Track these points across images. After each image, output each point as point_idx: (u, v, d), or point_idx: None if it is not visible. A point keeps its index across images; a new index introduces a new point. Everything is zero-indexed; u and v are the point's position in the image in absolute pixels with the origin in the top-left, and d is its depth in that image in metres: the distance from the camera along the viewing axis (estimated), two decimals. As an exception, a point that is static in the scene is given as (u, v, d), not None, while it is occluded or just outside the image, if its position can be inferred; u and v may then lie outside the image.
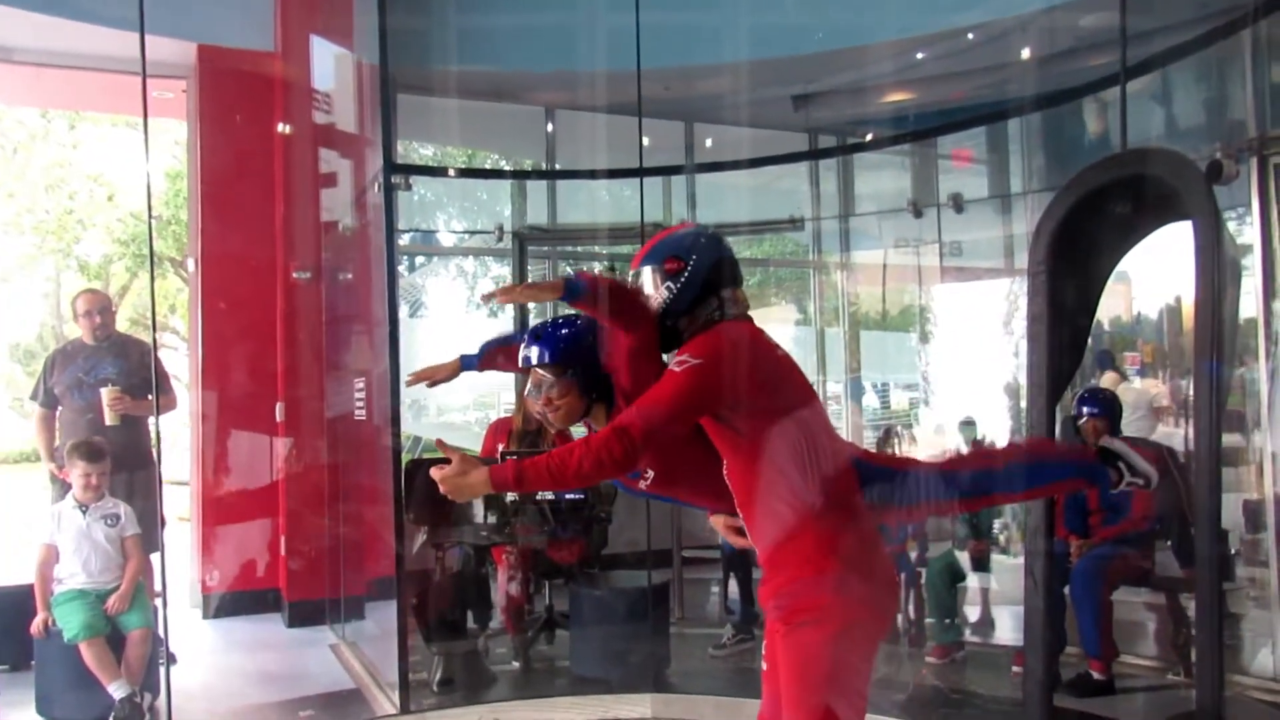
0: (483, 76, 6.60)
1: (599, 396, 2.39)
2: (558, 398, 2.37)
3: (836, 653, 2.19)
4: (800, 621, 2.20)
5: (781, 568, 2.25)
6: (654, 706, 4.40)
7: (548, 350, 2.38)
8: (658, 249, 2.41)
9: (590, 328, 2.39)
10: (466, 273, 11.21)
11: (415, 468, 4.85)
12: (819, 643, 2.18)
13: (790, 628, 2.22)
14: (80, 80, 6.65)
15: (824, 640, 2.18)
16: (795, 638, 2.20)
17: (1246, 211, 4.50)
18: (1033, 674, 3.39)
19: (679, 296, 2.35)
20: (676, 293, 2.35)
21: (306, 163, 6.08)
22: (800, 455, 2.21)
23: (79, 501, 4.25)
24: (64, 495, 4.40)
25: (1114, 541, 4.55)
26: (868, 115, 6.93)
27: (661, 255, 2.38)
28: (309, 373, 6.06)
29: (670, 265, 2.36)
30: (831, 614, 2.18)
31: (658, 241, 2.44)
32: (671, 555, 5.79)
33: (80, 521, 4.22)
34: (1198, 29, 3.63)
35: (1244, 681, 4.38)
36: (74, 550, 4.20)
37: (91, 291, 5.05)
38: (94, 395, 4.69)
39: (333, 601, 5.83)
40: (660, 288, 2.36)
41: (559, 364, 2.37)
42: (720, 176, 6.95)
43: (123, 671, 4.08)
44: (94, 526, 4.23)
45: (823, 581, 2.19)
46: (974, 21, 5.67)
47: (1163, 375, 6.30)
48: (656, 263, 2.38)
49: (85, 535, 4.21)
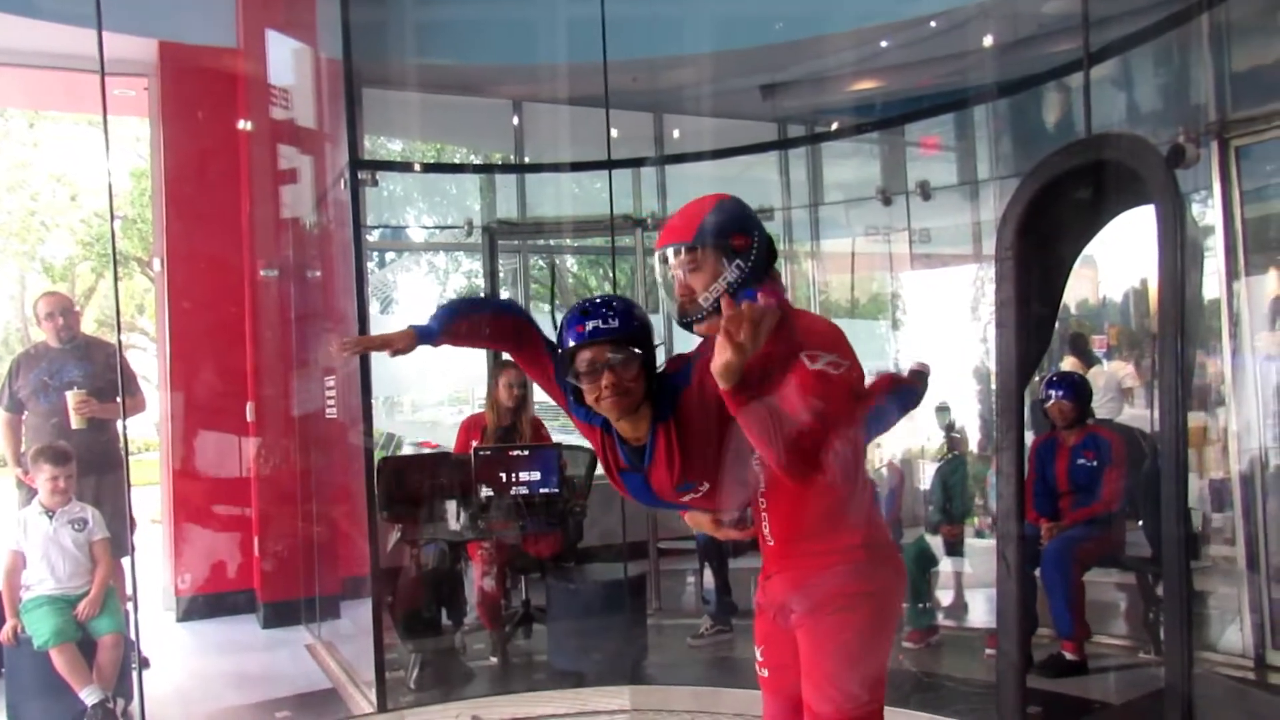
0: (448, 70, 6.57)
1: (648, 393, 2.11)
2: (631, 379, 2.07)
3: (873, 637, 2.15)
4: (836, 608, 2.11)
5: (807, 556, 2.15)
6: (633, 698, 4.40)
7: (621, 322, 2.08)
8: (718, 224, 2.14)
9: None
10: (438, 268, 11.14)
11: (388, 465, 4.84)
12: (856, 627, 2.11)
13: (820, 616, 2.12)
14: (39, 79, 6.55)
15: (861, 625, 2.12)
16: (829, 624, 2.12)
17: (1209, 194, 4.56)
18: (1006, 656, 3.41)
19: (749, 276, 2.12)
20: (745, 272, 2.11)
21: (272, 159, 6.02)
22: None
23: (45, 507, 4.18)
24: (30, 501, 4.34)
25: (1084, 523, 4.60)
26: (835, 104, 6.96)
27: (726, 230, 2.13)
28: (279, 372, 6.02)
29: (739, 241, 2.12)
30: (865, 599, 2.13)
31: (707, 215, 2.15)
32: (647, 547, 5.81)
33: (46, 527, 4.16)
34: (1158, 14, 3.66)
35: (1213, 658, 4.45)
36: (41, 556, 4.14)
37: (53, 294, 4.99)
38: (59, 399, 4.62)
39: (308, 601, 5.80)
40: (729, 267, 2.12)
41: (634, 339, 2.08)
42: (690, 167, 6.94)
43: (95, 677, 4.03)
44: (61, 531, 4.17)
45: (857, 568, 2.13)
46: (936, 9, 5.70)
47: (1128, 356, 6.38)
48: (721, 239, 2.12)
49: (52, 541, 4.15)
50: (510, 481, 4.71)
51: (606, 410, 2.10)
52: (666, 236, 2.19)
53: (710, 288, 2.12)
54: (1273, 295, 4.58)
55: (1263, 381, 4.48)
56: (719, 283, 2.11)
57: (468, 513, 4.75)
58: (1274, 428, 4.45)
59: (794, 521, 2.16)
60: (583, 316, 2.10)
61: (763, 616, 2.30)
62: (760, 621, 2.31)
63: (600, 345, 2.06)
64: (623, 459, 2.20)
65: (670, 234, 2.18)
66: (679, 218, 2.19)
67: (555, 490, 4.74)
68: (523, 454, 4.77)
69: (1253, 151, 4.50)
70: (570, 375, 2.11)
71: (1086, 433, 4.72)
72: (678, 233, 2.16)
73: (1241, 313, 4.48)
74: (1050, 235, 3.36)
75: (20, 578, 4.16)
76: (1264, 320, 4.55)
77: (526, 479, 4.72)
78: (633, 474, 2.20)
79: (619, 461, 2.21)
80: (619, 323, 2.08)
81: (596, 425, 2.20)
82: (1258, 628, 4.36)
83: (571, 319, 2.12)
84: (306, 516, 5.81)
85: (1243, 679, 4.32)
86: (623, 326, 2.07)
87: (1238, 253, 4.47)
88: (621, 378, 2.05)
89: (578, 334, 2.08)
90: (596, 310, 2.10)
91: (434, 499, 4.74)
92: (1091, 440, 4.71)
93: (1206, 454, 4.82)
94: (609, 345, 2.06)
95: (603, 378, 2.06)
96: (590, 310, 2.11)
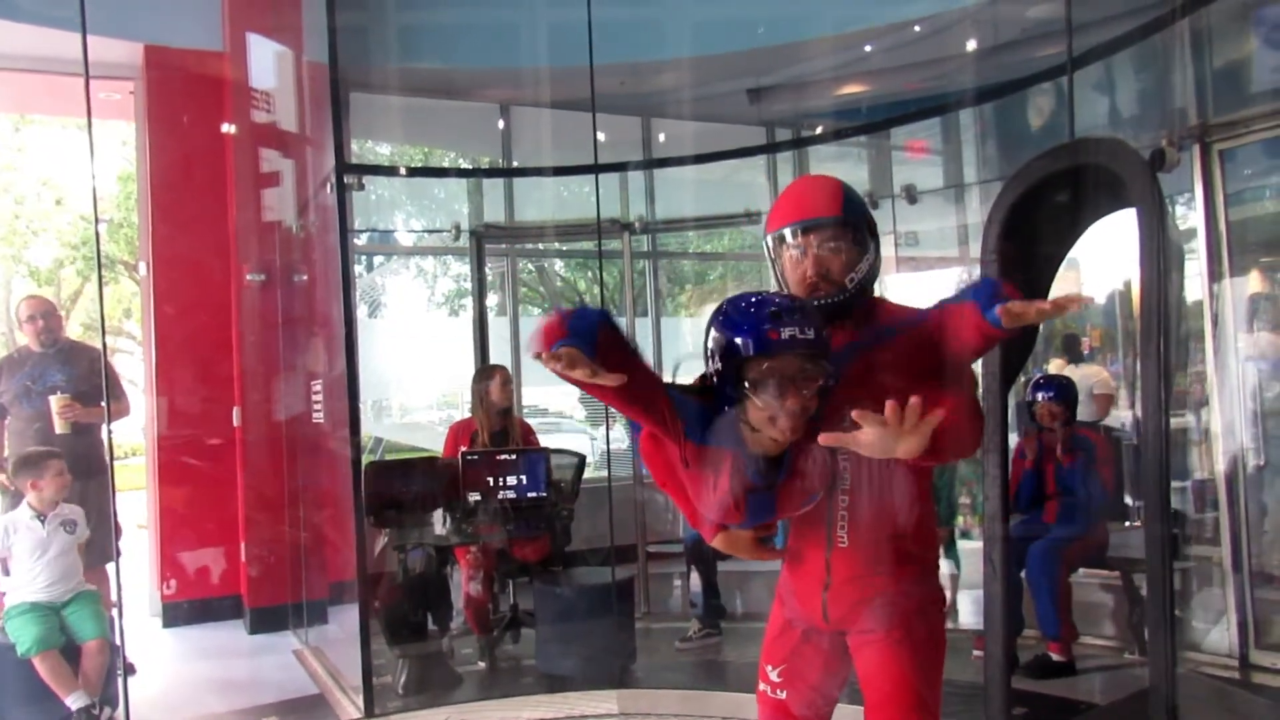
0: (435, 74, 6.57)
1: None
2: (814, 398, 1.77)
3: (945, 650, 2.04)
4: (923, 624, 1.98)
5: (893, 563, 1.98)
6: (621, 702, 4.40)
7: (817, 332, 1.76)
8: (861, 204, 2.00)
9: None
10: (425, 272, 11.13)
11: (375, 469, 4.83)
12: (939, 641, 2.01)
13: (906, 632, 1.96)
14: (24, 82, 6.52)
15: (941, 639, 2.03)
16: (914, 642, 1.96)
17: (1191, 197, 4.59)
18: (992, 657, 3.43)
19: (877, 260, 1.99)
20: (876, 255, 1.99)
21: (257, 163, 6.01)
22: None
23: (37, 510, 4.17)
24: (15, 505, 4.31)
25: (1070, 524, 4.63)
26: (822, 108, 6.97)
27: (861, 210, 1.98)
28: (266, 376, 6.00)
29: (872, 222, 1.99)
30: (942, 610, 2.06)
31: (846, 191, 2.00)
32: (635, 551, 5.81)
33: (40, 531, 4.14)
34: (1140, 19, 3.69)
35: (1198, 658, 4.47)
36: (30, 561, 4.12)
37: (34, 297, 4.95)
38: (42, 403, 4.61)
39: (295, 607, 5.78)
40: (870, 250, 1.98)
41: (827, 351, 1.78)
42: (678, 171, 6.97)
43: (80, 683, 4.01)
44: (53, 535, 4.15)
45: (930, 574, 2.05)
46: (921, 14, 5.73)
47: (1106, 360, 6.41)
48: (859, 218, 1.98)
49: (44, 545, 4.13)
50: (498, 486, 4.71)
51: (782, 432, 1.77)
52: (800, 213, 1.98)
53: (856, 268, 1.96)
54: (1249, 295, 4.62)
55: (1244, 382, 4.51)
56: (862, 264, 1.96)
57: (455, 517, 4.74)
58: (1253, 428, 4.49)
59: (881, 524, 1.97)
60: (775, 320, 1.75)
61: (791, 634, 2.12)
62: (785, 639, 2.13)
63: (797, 357, 1.75)
64: (753, 479, 1.87)
65: (807, 210, 1.98)
66: (811, 196, 2.01)
67: (543, 494, 4.74)
68: (510, 458, 4.77)
69: (1235, 155, 4.53)
70: (744, 386, 1.76)
71: (1072, 434, 4.75)
72: (820, 209, 1.97)
73: (1223, 314, 4.52)
74: (1034, 238, 3.38)
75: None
76: (1245, 322, 4.58)
77: (514, 483, 4.73)
78: (760, 494, 1.90)
79: (747, 483, 1.87)
80: (815, 333, 1.76)
81: (724, 446, 1.83)
82: (1242, 627, 4.39)
83: (753, 318, 1.77)
84: (293, 521, 5.79)
85: (1227, 679, 4.34)
86: (818, 337, 1.76)
87: (1220, 255, 4.51)
88: (808, 398, 1.76)
89: (768, 340, 1.74)
90: (790, 314, 1.76)
91: (422, 504, 4.74)
92: (1077, 441, 4.73)
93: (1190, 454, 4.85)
94: (805, 360, 1.76)
95: (790, 395, 1.74)
96: (784, 313, 1.76)
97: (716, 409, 1.81)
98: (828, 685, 2.11)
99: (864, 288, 1.99)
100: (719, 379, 1.80)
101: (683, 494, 1.97)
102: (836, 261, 1.95)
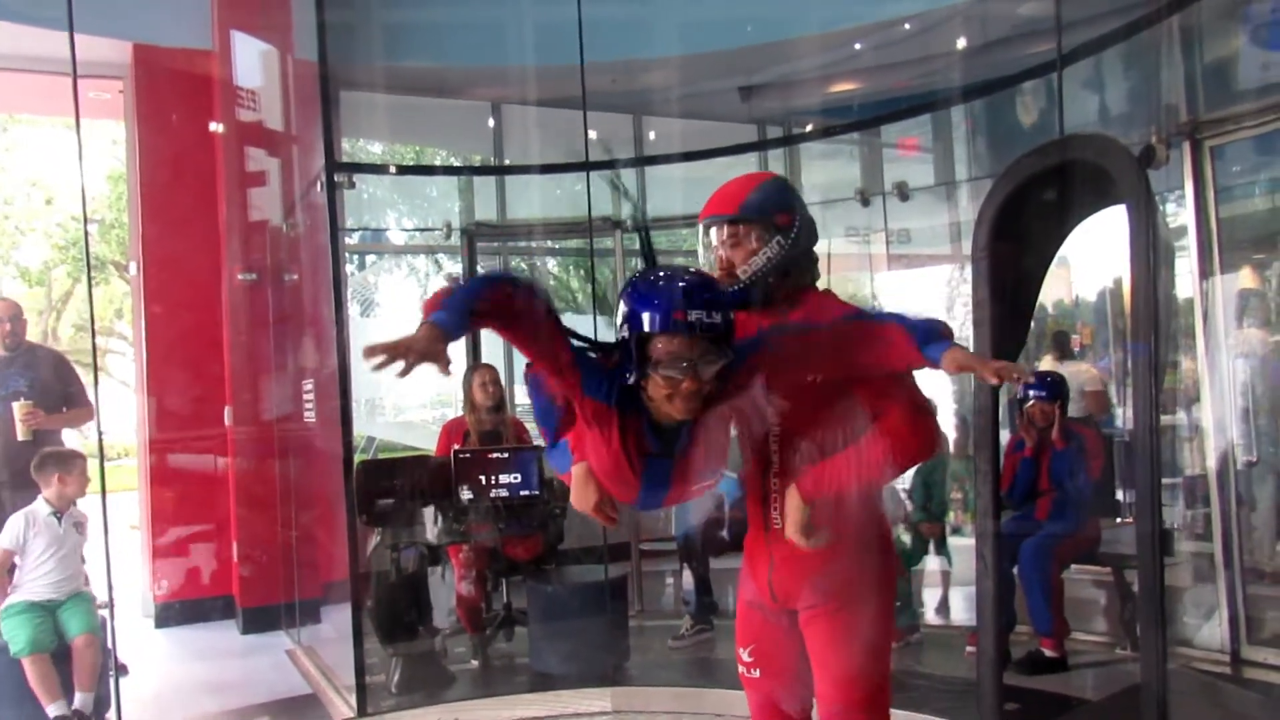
0: (425, 72, 6.56)
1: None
2: (711, 382, 1.80)
3: (889, 627, 2.14)
4: (860, 599, 2.08)
5: (839, 544, 2.06)
6: (614, 700, 4.40)
7: (723, 318, 1.79)
8: (764, 200, 2.13)
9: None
10: (418, 270, 11.11)
11: (367, 468, 4.81)
12: (877, 619, 2.09)
13: (846, 607, 2.07)
14: (11, 82, 6.50)
15: (880, 615, 2.10)
16: (853, 616, 2.07)
17: (1181, 194, 4.60)
18: (985, 653, 3.44)
19: (788, 254, 2.12)
20: (786, 249, 2.12)
21: (248, 162, 5.99)
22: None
23: (54, 508, 4.16)
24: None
25: (1062, 520, 4.64)
26: (813, 105, 6.98)
27: (768, 207, 2.13)
28: (257, 376, 5.98)
29: (782, 219, 2.12)
30: (883, 589, 2.13)
31: (751, 191, 2.14)
32: (628, 549, 5.81)
33: (57, 529, 4.14)
34: (1130, 16, 3.70)
35: (1189, 654, 4.49)
36: (42, 558, 4.11)
37: (3, 300, 4.85)
38: (4, 409, 4.51)
39: (287, 606, 5.77)
40: (769, 244, 2.11)
41: (730, 338, 1.82)
42: (669, 169, 6.96)
43: (75, 681, 4.00)
44: (68, 533, 4.15)
45: (887, 554, 2.16)
46: (910, 11, 5.74)
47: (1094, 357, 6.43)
48: (764, 215, 2.12)
49: (60, 542, 4.12)
50: (490, 484, 4.70)
51: (673, 410, 1.82)
52: (709, 209, 2.18)
53: (749, 262, 2.13)
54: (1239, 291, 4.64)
55: (1235, 379, 4.53)
56: (758, 258, 2.12)
57: (448, 516, 4.73)
58: (1243, 424, 4.51)
59: (818, 507, 2.04)
60: (685, 300, 1.77)
61: (753, 614, 2.21)
62: (750, 619, 2.22)
63: (695, 340, 1.77)
64: (650, 443, 1.90)
65: (713, 207, 2.17)
66: (722, 193, 2.18)
67: (536, 492, 4.73)
68: (503, 456, 4.77)
69: (1225, 151, 4.55)
70: (640, 362, 1.79)
71: (1063, 429, 4.76)
72: (721, 206, 2.16)
73: (1214, 311, 4.53)
74: (1024, 235, 3.39)
75: (3, 576, 4.12)
76: (1236, 318, 4.60)
77: (507, 481, 4.72)
78: (659, 460, 1.93)
79: (643, 446, 1.91)
80: (720, 317, 1.78)
81: (614, 405, 1.86)
82: (1233, 622, 4.41)
83: (663, 295, 1.79)
84: (285, 521, 5.78)
85: (1219, 674, 4.36)
86: (724, 323, 1.79)
87: (1211, 252, 4.52)
88: (705, 381, 1.79)
89: (673, 320, 1.76)
90: (698, 295, 1.78)
91: (414, 503, 4.73)
92: (1068, 436, 4.74)
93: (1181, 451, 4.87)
94: (707, 342, 1.77)
95: (685, 378, 1.77)
96: (692, 293, 1.78)
97: (620, 373, 1.85)
98: (796, 664, 2.18)
99: (762, 280, 2.13)
100: (623, 348, 1.84)
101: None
102: (739, 255, 2.13)
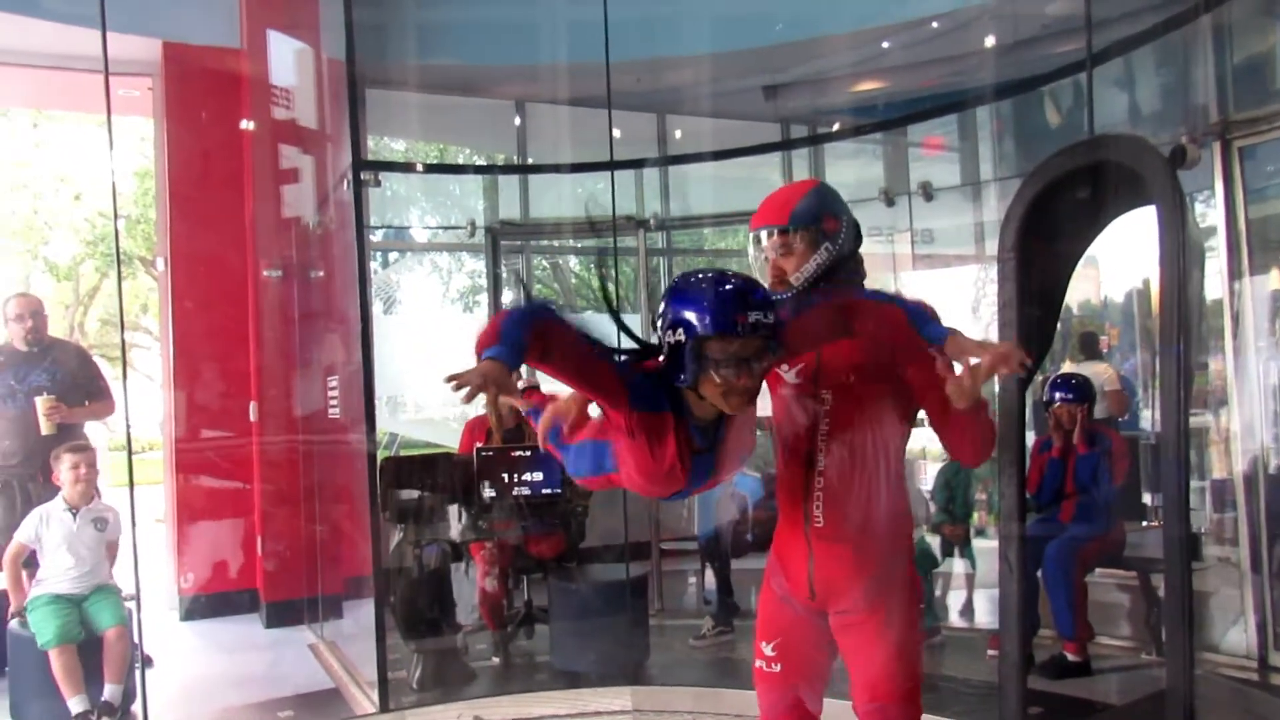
0: (451, 70, 6.57)
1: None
2: (761, 375, 1.93)
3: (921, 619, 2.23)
4: (903, 597, 2.15)
5: (874, 541, 2.14)
6: (634, 699, 4.40)
7: (774, 315, 1.89)
8: (813, 208, 2.21)
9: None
10: (441, 268, 11.16)
11: (390, 465, 4.84)
12: (914, 618, 2.17)
13: (881, 607, 2.12)
14: (43, 79, 6.57)
15: (915, 615, 2.19)
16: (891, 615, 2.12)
17: (1211, 194, 4.55)
18: (1008, 657, 3.42)
19: (836, 257, 2.20)
20: (835, 253, 2.20)
21: (274, 160, 6.03)
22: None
23: (69, 503, 4.21)
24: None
25: (1087, 523, 4.60)
26: (838, 105, 6.95)
27: (820, 213, 2.21)
28: (282, 372, 6.02)
29: (830, 225, 2.20)
30: (915, 588, 2.21)
31: (800, 200, 2.23)
32: (649, 547, 5.81)
33: (70, 524, 4.19)
34: (1160, 15, 3.66)
35: (1216, 659, 4.44)
36: (59, 553, 4.16)
37: (25, 296, 4.89)
38: (27, 403, 4.57)
39: (310, 601, 5.80)
40: (819, 250, 2.19)
41: (778, 333, 1.91)
42: (693, 168, 6.95)
43: (105, 673, 4.06)
44: (83, 529, 4.20)
45: (905, 558, 2.20)
46: (939, 10, 5.71)
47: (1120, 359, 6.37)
48: (813, 223, 2.20)
49: (74, 538, 4.18)
50: (513, 482, 4.72)
51: (731, 405, 1.90)
52: (760, 219, 2.26)
53: (801, 269, 2.21)
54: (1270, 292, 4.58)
55: (1264, 381, 4.48)
56: (809, 264, 2.20)
57: (470, 513, 4.75)
58: (1273, 428, 4.45)
59: (862, 505, 2.12)
60: (743, 304, 1.86)
61: (783, 608, 2.23)
62: (778, 613, 2.25)
63: (750, 340, 1.86)
64: (697, 441, 2.00)
65: (764, 217, 2.25)
66: (771, 202, 2.26)
67: (558, 491, 4.74)
68: (525, 454, 4.78)
69: (1256, 152, 4.49)
70: (696, 363, 1.87)
71: (1088, 431, 4.72)
72: (771, 216, 2.24)
73: (1244, 313, 4.48)
74: (1052, 236, 3.36)
75: (20, 564, 4.18)
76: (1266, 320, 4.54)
77: (529, 479, 4.73)
78: (703, 455, 2.01)
79: (693, 444, 1.99)
80: (774, 317, 1.89)
81: (667, 411, 1.93)
82: (1260, 628, 4.35)
83: (721, 299, 1.87)
84: (309, 516, 5.81)
85: (1245, 680, 4.31)
86: (777, 322, 1.90)
87: (1240, 253, 4.47)
88: (760, 377, 1.91)
89: (735, 322, 1.84)
90: (753, 298, 1.88)
91: (436, 499, 4.75)
92: (1094, 438, 4.71)
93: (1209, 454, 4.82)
94: (761, 340, 1.87)
95: (743, 375, 1.87)
96: (749, 297, 1.88)
97: (662, 377, 1.92)
98: (819, 660, 2.23)
99: (813, 284, 2.21)
100: (674, 351, 1.89)
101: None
102: (790, 263, 2.21)
